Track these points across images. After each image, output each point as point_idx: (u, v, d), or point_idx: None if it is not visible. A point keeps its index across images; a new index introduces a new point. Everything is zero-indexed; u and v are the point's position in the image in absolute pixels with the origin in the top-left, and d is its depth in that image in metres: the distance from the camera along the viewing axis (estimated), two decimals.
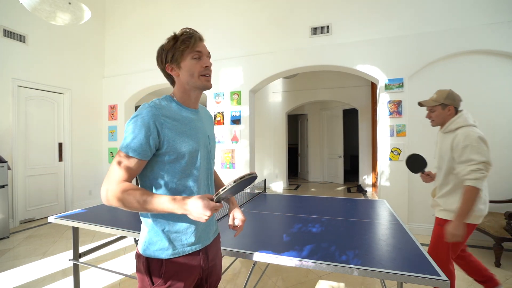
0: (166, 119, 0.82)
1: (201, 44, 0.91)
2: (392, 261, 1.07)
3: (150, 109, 0.80)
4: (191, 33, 0.89)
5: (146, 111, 0.79)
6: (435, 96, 1.69)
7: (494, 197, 2.96)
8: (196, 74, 0.89)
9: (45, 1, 2.13)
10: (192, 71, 0.89)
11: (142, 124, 0.77)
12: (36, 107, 4.03)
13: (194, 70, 0.89)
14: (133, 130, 0.77)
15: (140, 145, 0.77)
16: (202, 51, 0.90)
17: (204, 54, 0.91)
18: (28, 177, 3.89)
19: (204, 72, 0.90)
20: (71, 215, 1.82)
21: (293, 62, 3.83)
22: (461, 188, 1.53)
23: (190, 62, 0.88)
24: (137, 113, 0.80)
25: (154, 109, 0.81)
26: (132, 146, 0.77)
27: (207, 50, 0.93)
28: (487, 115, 3.05)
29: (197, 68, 0.89)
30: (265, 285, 2.14)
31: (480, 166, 1.47)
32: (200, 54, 0.90)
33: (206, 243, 0.94)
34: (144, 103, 0.84)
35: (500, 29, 2.95)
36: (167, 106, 0.86)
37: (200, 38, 0.91)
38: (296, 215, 1.80)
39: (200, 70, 0.89)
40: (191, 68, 0.89)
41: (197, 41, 0.89)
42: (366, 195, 5.75)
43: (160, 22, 4.68)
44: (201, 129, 0.94)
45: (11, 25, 3.67)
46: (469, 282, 2.11)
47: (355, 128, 6.81)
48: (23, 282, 2.18)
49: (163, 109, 0.83)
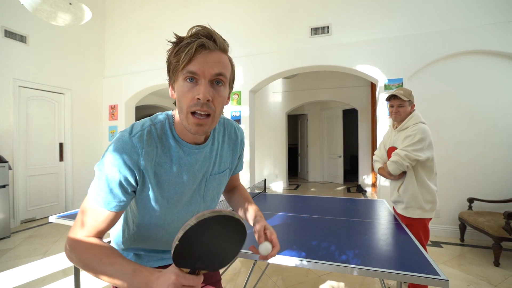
0: (149, 162, 0.62)
1: (203, 58, 0.57)
2: (391, 260, 1.08)
3: (129, 147, 0.59)
4: (191, 39, 0.57)
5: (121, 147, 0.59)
6: (402, 92, 1.73)
7: (493, 197, 2.97)
8: (184, 108, 0.59)
9: (45, 2, 2.14)
10: (180, 101, 0.60)
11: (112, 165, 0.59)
12: (37, 107, 4.04)
13: (182, 101, 0.59)
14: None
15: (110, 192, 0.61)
16: (197, 72, 0.57)
17: (202, 76, 0.57)
18: (29, 177, 3.90)
19: (193, 107, 0.58)
20: (72, 215, 1.83)
21: (293, 62, 3.83)
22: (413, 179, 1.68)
23: (181, 86, 0.59)
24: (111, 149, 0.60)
25: (134, 147, 0.60)
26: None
27: (214, 69, 0.58)
28: (486, 115, 3.06)
29: (185, 99, 0.58)
30: (265, 284, 2.15)
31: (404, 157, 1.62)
32: (193, 76, 0.57)
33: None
34: (124, 133, 0.62)
35: (500, 29, 2.96)
36: (158, 139, 0.64)
37: (204, 45, 0.57)
38: (296, 215, 1.81)
39: (188, 103, 0.58)
40: (179, 97, 0.60)
41: (194, 52, 0.56)
42: (366, 195, 5.76)
43: (160, 22, 4.68)
44: (199, 172, 0.71)
45: (11, 26, 3.67)
46: (468, 281, 2.12)
47: (355, 128, 6.82)
48: (24, 282, 2.18)
49: (150, 146, 0.62)
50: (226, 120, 0.82)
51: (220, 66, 0.59)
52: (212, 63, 0.58)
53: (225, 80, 0.61)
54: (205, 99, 0.57)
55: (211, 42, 0.58)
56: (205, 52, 0.57)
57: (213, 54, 0.58)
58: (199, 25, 0.59)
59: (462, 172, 3.13)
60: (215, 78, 0.59)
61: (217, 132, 0.77)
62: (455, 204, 3.15)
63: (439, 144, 2.97)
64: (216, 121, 0.63)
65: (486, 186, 3.04)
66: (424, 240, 1.68)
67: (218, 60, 0.59)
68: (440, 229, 3.19)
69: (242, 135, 0.86)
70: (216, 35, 0.59)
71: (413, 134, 1.62)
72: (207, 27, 0.59)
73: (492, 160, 3.03)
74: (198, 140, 0.69)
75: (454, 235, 3.13)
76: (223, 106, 0.64)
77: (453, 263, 2.46)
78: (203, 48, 0.57)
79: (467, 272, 2.29)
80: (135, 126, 0.64)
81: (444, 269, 2.33)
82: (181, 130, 0.66)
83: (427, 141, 1.62)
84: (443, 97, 3.22)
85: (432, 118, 3.10)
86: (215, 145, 0.75)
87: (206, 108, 0.58)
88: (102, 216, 0.60)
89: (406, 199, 1.70)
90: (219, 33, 0.60)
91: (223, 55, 0.61)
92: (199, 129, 0.60)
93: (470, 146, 3.11)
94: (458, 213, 3.04)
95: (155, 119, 0.67)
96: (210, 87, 0.59)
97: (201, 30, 0.58)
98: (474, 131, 3.10)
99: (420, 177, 1.67)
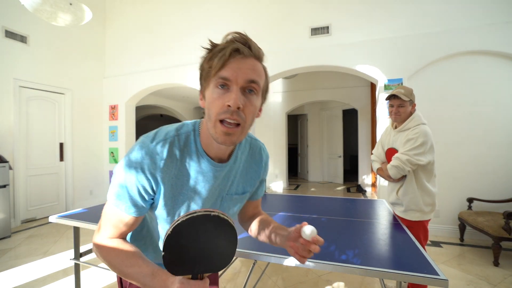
0: (167, 174, 0.61)
1: (236, 64, 0.55)
2: (391, 260, 1.08)
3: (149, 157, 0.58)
4: (226, 45, 0.55)
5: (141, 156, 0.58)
6: (403, 91, 1.66)
7: (492, 196, 2.98)
8: (213, 116, 0.56)
9: (46, 2, 2.15)
10: (209, 108, 0.57)
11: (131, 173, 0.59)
12: (37, 107, 4.04)
13: (211, 108, 0.57)
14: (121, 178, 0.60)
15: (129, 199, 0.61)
16: (229, 77, 0.54)
17: (234, 82, 0.54)
18: (29, 177, 3.90)
19: (222, 115, 0.55)
20: (72, 214, 1.83)
21: (293, 62, 3.83)
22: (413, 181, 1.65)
23: (212, 92, 0.57)
24: (131, 156, 0.59)
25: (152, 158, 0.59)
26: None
27: (247, 76, 0.55)
28: (486, 115, 3.06)
29: (215, 106, 0.56)
30: (265, 284, 2.16)
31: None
32: (225, 82, 0.55)
33: None
34: (146, 139, 0.60)
35: (499, 29, 2.96)
36: (180, 151, 0.62)
37: (238, 50, 0.55)
38: (296, 215, 1.81)
39: (218, 110, 0.55)
40: (209, 104, 0.57)
41: (228, 57, 0.54)
42: (366, 195, 5.76)
43: (160, 22, 4.68)
44: (216, 189, 0.69)
45: (12, 26, 3.67)
46: (468, 281, 2.12)
47: (355, 128, 6.82)
48: (24, 282, 2.19)
49: (170, 158, 0.60)
50: (253, 140, 0.78)
51: (253, 73, 0.56)
52: (246, 69, 0.55)
53: (258, 89, 0.58)
54: (235, 106, 0.53)
55: (246, 48, 0.56)
56: (239, 57, 0.55)
57: (248, 60, 0.56)
58: (235, 31, 0.57)
59: (461, 172, 3.14)
60: (247, 85, 0.56)
61: (241, 151, 0.73)
62: (454, 204, 3.15)
63: (438, 144, 2.97)
64: (245, 133, 0.60)
65: (485, 186, 3.04)
66: (424, 241, 1.67)
67: (252, 67, 0.56)
68: (439, 229, 3.20)
69: (267, 158, 0.81)
70: (251, 42, 0.57)
71: (415, 137, 1.57)
72: (243, 34, 0.57)
73: (492, 160, 3.03)
74: (222, 155, 0.66)
75: (454, 235, 3.14)
76: (254, 117, 0.60)
77: (452, 263, 2.47)
78: (237, 53, 0.55)
79: (467, 272, 2.29)
80: (159, 134, 0.62)
81: (444, 269, 2.33)
82: (207, 142, 0.64)
83: (429, 144, 1.57)
84: (443, 97, 3.22)
85: (431, 118, 3.10)
86: (237, 164, 0.71)
87: (236, 117, 0.55)
88: (123, 221, 0.61)
89: (406, 202, 1.66)
90: (254, 41, 0.59)
91: (257, 62, 0.59)
92: (226, 139, 0.56)
93: (470, 146, 3.11)
94: (458, 213, 3.04)
95: (181, 129, 0.64)
96: (242, 94, 0.56)
97: (237, 37, 0.56)
98: (474, 131, 3.10)
99: (420, 180, 1.63)
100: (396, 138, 1.73)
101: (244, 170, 0.75)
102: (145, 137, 0.61)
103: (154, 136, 0.61)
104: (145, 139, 0.61)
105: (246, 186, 0.76)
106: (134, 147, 0.60)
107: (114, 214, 0.61)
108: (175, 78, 4.49)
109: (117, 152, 4.90)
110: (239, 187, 0.75)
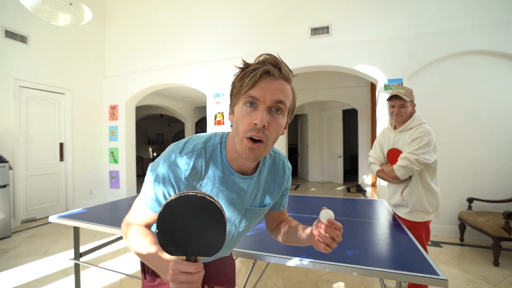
0: (197, 180, 0.65)
1: (265, 84, 0.58)
2: (391, 260, 1.08)
3: (174, 166, 0.63)
4: (258, 66, 0.58)
5: (166, 166, 0.64)
6: (404, 92, 1.65)
7: (492, 197, 2.98)
8: (241, 132, 0.59)
9: (46, 2, 2.14)
10: (237, 124, 0.61)
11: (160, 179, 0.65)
12: (37, 107, 4.04)
13: (239, 124, 0.60)
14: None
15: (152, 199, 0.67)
16: (258, 97, 0.57)
17: (262, 101, 0.58)
18: (29, 177, 3.90)
19: (249, 132, 0.58)
20: (72, 214, 1.83)
21: (293, 62, 3.83)
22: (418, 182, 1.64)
23: (241, 109, 0.60)
24: (160, 162, 0.65)
25: (181, 167, 0.63)
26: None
27: (275, 96, 0.58)
28: (485, 115, 3.06)
29: (243, 123, 0.59)
30: (265, 284, 2.16)
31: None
32: (254, 101, 0.58)
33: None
34: (175, 149, 0.65)
35: (498, 30, 2.96)
36: (205, 163, 0.65)
37: (269, 72, 0.58)
38: (296, 215, 1.81)
39: (245, 127, 0.58)
40: (237, 120, 0.61)
41: (258, 78, 0.57)
42: (366, 195, 5.76)
43: (160, 22, 4.69)
44: (239, 201, 0.71)
45: (12, 26, 3.67)
46: (468, 281, 2.12)
47: (355, 128, 6.82)
48: (24, 282, 2.19)
49: (195, 170, 0.64)
50: (277, 154, 0.80)
51: (281, 94, 0.59)
52: (274, 90, 0.58)
53: (284, 109, 0.61)
54: (261, 125, 0.57)
55: (276, 70, 0.58)
56: (269, 79, 0.58)
57: (277, 81, 0.59)
58: (267, 53, 0.60)
59: (461, 172, 3.14)
60: (274, 105, 0.59)
61: (266, 166, 0.76)
62: (454, 204, 3.15)
63: (438, 144, 2.93)
64: (268, 149, 0.63)
65: (485, 186, 3.04)
66: (426, 241, 1.66)
67: (280, 88, 0.59)
68: (439, 229, 3.20)
69: (289, 171, 0.84)
70: (282, 64, 0.60)
71: (420, 136, 1.55)
72: (275, 56, 0.60)
73: (492, 160, 3.03)
74: (247, 168, 0.69)
75: (454, 235, 3.14)
76: (279, 134, 0.63)
77: (452, 263, 2.47)
78: (267, 75, 0.58)
79: (467, 271, 2.29)
80: (188, 144, 0.66)
81: (444, 269, 2.33)
82: (232, 156, 0.66)
83: (433, 143, 1.57)
84: (442, 97, 3.22)
85: (431, 118, 3.10)
86: (261, 178, 0.74)
87: (261, 134, 0.58)
88: (148, 215, 0.69)
89: (412, 203, 1.63)
90: (285, 63, 0.61)
91: (286, 84, 0.61)
92: (250, 154, 0.59)
93: (470, 146, 3.11)
94: (458, 213, 3.04)
95: (208, 141, 0.68)
96: (268, 113, 0.59)
97: (269, 58, 0.59)
98: (474, 131, 3.10)
99: (425, 180, 1.62)
100: (397, 139, 1.71)
101: (267, 184, 0.77)
102: (175, 147, 0.66)
103: (183, 147, 0.66)
104: (175, 148, 0.66)
105: (268, 198, 0.79)
106: (165, 153, 0.66)
107: (141, 208, 0.69)
108: (175, 78, 4.49)
109: (117, 152, 4.90)
110: (262, 200, 0.78)
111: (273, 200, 0.81)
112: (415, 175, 1.61)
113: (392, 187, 1.79)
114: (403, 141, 1.65)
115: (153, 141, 12.12)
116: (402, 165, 1.56)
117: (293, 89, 0.65)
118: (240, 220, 0.76)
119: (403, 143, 1.65)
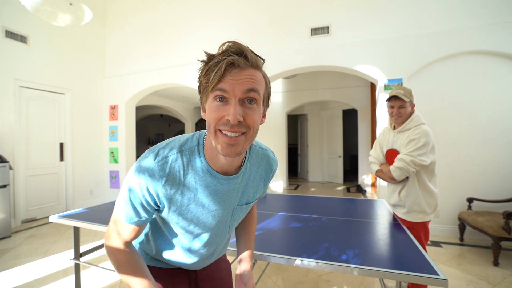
0: (173, 189, 0.61)
1: (233, 76, 0.53)
2: (391, 260, 1.08)
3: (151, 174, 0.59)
4: (221, 58, 0.54)
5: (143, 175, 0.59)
6: (403, 92, 1.65)
7: (492, 196, 2.98)
8: (212, 127, 0.56)
9: (46, 2, 2.15)
10: (208, 121, 0.57)
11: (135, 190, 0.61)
12: (38, 107, 4.04)
13: (209, 120, 0.57)
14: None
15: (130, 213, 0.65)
16: (227, 89, 0.53)
17: (232, 95, 0.54)
18: (30, 177, 3.90)
19: (222, 126, 0.55)
20: (72, 214, 1.83)
21: (293, 62, 3.84)
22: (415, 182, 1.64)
23: (211, 105, 0.56)
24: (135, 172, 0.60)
25: (157, 174, 0.59)
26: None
27: (245, 86, 0.54)
28: (485, 115, 3.06)
29: (213, 118, 0.55)
30: (265, 284, 2.16)
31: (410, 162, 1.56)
32: (223, 95, 0.54)
33: (193, 268, 0.83)
34: (150, 155, 0.61)
35: (498, 30, 2.96)
36: (183, 168, 0.62)
37: (233, 64, 0.53)
38: (296, 215, 1.81)
39: (216, 121, 0.55)
40: (208, 115, 0.57)
41: (224, 72, 0.53)
42: (366, 195, 5.76)
43: (160, 22, 4.69)
44: (226, 202, 0.69)
45: (12, 26, 3.67)
46: (468, 281, 2.13)
47: (355, 128, 6.82)
48: (25, 282, 2.19)
49: (172, 176, 0.61)
50: (262, 150, 0.77)
51: (251, 84, 0.54)
52: (243, 81, 0.54)
53: (258, 98, 0.57)
54: (235, 121, 0.53)
55: (241, 59, 0.54)
56: (235, 71, 0.53)
57: (244, 71, 0.54)
58: (230, 40, 0.55)
59: (461, 172, 3.14)
60: (246, 96, 0.55)
61: (251, 163, 0.72)
62: (454, 204, 3.15)
63: (438, 144, 2.97)
64: (250, 142, 0.59)
65: (485, 186, 3.04)
66: (425, 241, 1.66)
67: (249, 77, 0.55)
68: (439, 229, 3.20)
69: (276, 166, 0.81)
70: (247, 51, 0.55)
71: (417, 137, 1.55)
72: (238, 43, 0.55)
73: (492, 160, 3.03)
74: (229, 166, 0.64)
75: (454, 235, 3.14)
76: (258, 125, 0.59)
77: (452, 262, 2.47)
78: (233, 67, 0.53)
79: (467, 271, 2.29)
80: (162, 150, 0.62)
81: (444, 269, 2.33)
82: (211, 155, 0.62)
83: (431, 144, 1.56)
84: (442, 97, 3.22)
85: (431, 118, 3.11)
86: (246, 175, 0.71)
87: (237, 129, 0.54)
88: (126, 229, 0.65)
89: (409, 204, 1.64)
90: (251, 49, 0.57)
91: (255, 71, 0.56)
92: (230, 150, 0.55)
93: (470, 146, 3.11)
94: (458, 213, 3.05)
95: (185, 144, 0.64)
96: (241, 106, 0.55)
97: (232, 46, 0.54)
98: (474, 131, 3.10)
99: (423, 181, 1.61)
100: (396, 139, 1.71)
101: (252, 181, 0.74)
102: (149, 152, 0.61)
103: (158, 152, 0.61)
104: (149, 154, 0.61)
105: (255, 194, 0.78)
106: (139, 161, 0.61)
107: (118, 222, 0.65)
108: (175, 78, 4.49)
109: (117, 152, 4.90)
110: (249, 197, 0.75)
111: (258, 194, 0.80)
112: (412, 176, 1.61)
113: (391, 187, 1.80)
114: (400, 142, 1.66)
115: (153, 141, 12.12)
116: (398, 167, 1.56)
117: (265, 75, 0.60)
118: (229, 221, 0.74)
119: (400, 144, 1.65)
